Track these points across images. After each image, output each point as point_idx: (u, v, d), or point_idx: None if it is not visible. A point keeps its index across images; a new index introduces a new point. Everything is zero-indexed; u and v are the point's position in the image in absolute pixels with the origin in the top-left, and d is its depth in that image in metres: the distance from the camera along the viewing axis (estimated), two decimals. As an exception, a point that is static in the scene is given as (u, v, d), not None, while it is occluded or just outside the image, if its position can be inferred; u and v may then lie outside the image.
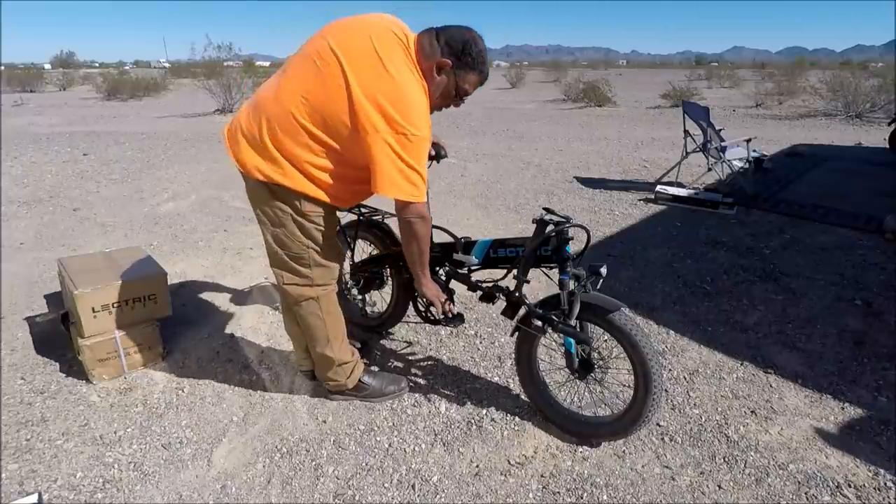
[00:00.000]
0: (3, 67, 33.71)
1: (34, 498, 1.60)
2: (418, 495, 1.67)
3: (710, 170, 5.43)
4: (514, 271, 1.88)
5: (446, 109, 1.78)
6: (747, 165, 5.24)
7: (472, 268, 2.03)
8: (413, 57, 1.60)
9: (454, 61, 1.62)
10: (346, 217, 2.22)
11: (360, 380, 2.05)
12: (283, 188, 1.66)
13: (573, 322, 1.72)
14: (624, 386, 2.00)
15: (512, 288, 1.90)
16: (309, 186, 1.66)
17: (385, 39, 1.57)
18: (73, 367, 2.28)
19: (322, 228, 1.76)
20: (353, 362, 2.03)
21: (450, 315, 1.92)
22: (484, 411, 2.03)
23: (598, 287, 1.78)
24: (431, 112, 1.67)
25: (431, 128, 1.60)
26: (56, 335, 2.52)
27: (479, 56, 1.64)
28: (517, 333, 1.93)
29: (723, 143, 4.99)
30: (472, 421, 1.99)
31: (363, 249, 2.46)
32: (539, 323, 1.76)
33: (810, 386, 2.19)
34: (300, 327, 1.97)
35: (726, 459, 1.81)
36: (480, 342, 2.53)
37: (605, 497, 1.66)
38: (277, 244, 1.77)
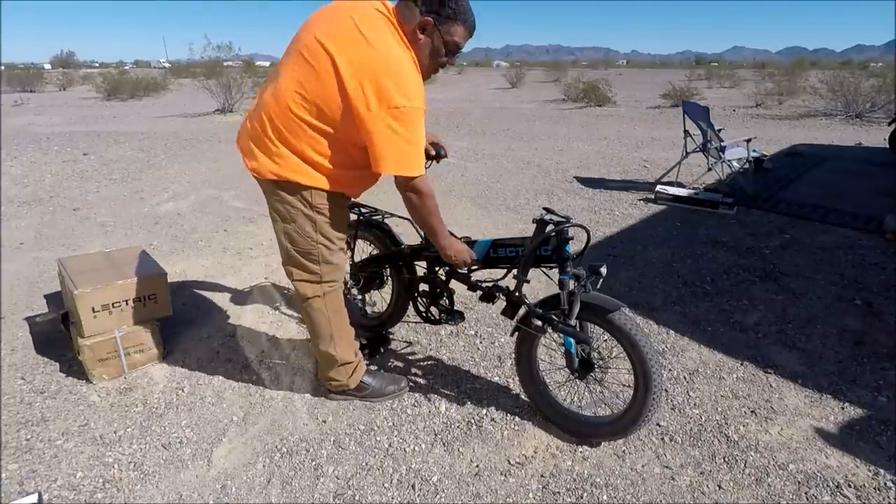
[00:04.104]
0: (3, 67, 33.70)
1: (34, 498, 1.60)
2: (418, 495, 1.67)
3: (710, 170, 5.42)
4: (514, 271, 1.88)
5: (445, 106, 1.78)
6: (747, 165, 5.24)
7: (472, 267, 2.03)
8: (397, 28, 1.60)
9: (434, 18, 1.60)
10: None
11: (360, 380, 2.05)
12: (291, 183, 1.68)
13: (573, 322, 1.72)
14: (624, 386, 2.00)
15: (512, 288, 1.90)
16: (315, 177, 1.67)
17: (367, 16, 1.58)
18: (73, 367, 2.28)
19: (332, 222, 1.77)
20: (356, 363, 2.03)
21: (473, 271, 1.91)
22: (484, 411, 2.03)
23: (598, 287, 1.78)
24: (427, 77, 1.68)
25: (425, 99, 1.58)
26: (56, 335, 2.52)
27: (460, 6, 1.60)
28: (517, 333, 1.93)
29: (723, 143, 4.99)
30: (472, 421, 1.99)
31: (363, 249, 2.47)
32: (539, 323, 1.76)
33: (810, 386, 2.19)
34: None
35: (726, 459, 1.81)
36: (480, 342, 2.53)
37: (605, 497, 1.66)
38: (288, 240, 1.79)
